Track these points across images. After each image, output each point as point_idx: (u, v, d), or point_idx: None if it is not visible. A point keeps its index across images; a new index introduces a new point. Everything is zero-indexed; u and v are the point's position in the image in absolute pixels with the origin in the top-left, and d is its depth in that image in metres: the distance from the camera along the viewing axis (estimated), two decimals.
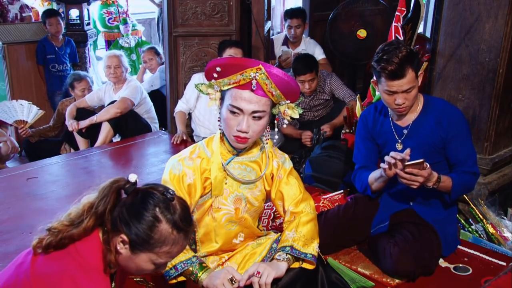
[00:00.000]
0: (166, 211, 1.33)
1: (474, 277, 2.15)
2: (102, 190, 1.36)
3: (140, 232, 1.30)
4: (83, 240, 1.35)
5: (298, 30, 4.52)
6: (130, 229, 1.31)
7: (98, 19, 6.60)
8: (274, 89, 1.66)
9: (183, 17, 3.85)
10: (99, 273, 1.33)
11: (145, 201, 1.33)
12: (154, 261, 1.34)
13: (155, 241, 1.31)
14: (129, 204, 1.34)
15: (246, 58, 1.69)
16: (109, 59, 4.08)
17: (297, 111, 1.76)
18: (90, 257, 1.33)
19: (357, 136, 2.41)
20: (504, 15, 2.48)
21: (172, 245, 1.33)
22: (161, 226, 1.31)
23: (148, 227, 1.30)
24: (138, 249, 1.32)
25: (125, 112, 3.95)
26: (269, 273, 1.67)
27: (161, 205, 1.33)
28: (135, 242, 1.32)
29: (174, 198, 1.35)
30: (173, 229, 1.32)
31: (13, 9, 5.52)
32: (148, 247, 1.32)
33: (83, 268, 1.31)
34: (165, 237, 1.32)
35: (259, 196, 1.87)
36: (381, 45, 2.14)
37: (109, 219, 1.34)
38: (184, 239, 1.36)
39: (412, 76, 2.06)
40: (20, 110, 4.22)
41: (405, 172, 1.99)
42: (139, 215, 1.31)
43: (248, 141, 1.70)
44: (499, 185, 2.78)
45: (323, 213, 2.40)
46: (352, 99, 3.74)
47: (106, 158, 3.65)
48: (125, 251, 1.34)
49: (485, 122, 2.66)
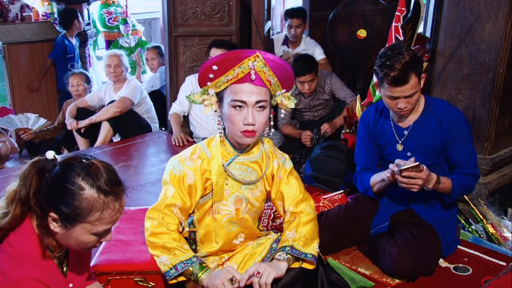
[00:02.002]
0: (87, 177, 1.30)
1: (474, 277, 2.15)
2: (22, 175, 1.33)
3: (66, 205, 1.28)
4: (15, 231, 1.33)
5: (298, 30, 4.52)
6: (56, 206, 1.29)
7: (98, 19, 6.60)
8: (272, 77, 1.67)
9: (183, 17, 3.86)
10: (30, 260, 1.31)
11: (64, 174, 1.30)
12: (91, 231, 1.32)
13: (83, 210, 1.28)
14: (50, 181, 1.31)
15: (241, 50, 1.68)
16: (109, 58, 4.10)
17: (292, 101, 1.77)
18: (22, 246, 1.31)
19: (358, 138, 2.41)
20: (504, 15, 2.48)
21: (102, 210, 1.30)
22: (85, 193, 1.28)
23: (72, 198, 1.28)
24: (70, 223, 1.30)
25: (124, 111, 3.95)
26: (269, 273, 1.67)
27: (81, 173, 1.29)
28: (65, 217, 1.29)
29: (93, 163, 1.32)
30: (99, 194, 1.29)
31: (14, 9, 5.53)
32: (79, 218, 1.29)
33: (13, 258, 1.29)
34: (92, 204, 1.29)
35: (259, 197, 1.87)
36: (384, 48, 2.13)
37: (36, 202, 1.32)
38: (114, 201, 1.33)
39: (415, 81, 2.05)
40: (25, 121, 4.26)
41: (402, 177, 2.00)
42: (62, 189, 1.29)
43: (255, 134, 1.70)
44: (499, 185, 2.78)
45: (323, 213, 2.40)
46: (352, 99, 3.74)
47: (106, 158, 3.64)
48: (59, 229, 1.31)
49: (485, 122, 2.66)
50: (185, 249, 1.76)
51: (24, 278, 1.28)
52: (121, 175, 1.41)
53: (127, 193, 2.85)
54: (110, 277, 1.81)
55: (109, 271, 1.80)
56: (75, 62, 5.13)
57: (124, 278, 1.82)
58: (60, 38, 5.05)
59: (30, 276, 1.29)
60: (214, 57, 1.68)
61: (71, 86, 4.37)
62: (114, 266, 1.81)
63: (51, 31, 5.14)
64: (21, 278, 1.27)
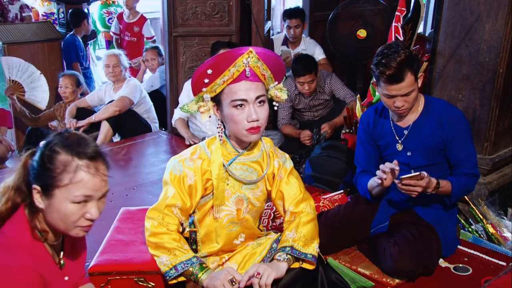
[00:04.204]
0: (62, 142, 1.33)
1: (474, 277, 2.15)
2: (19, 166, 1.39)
3: (44, 169, 1.31)
4: (10, 220, 1.36)
5: (297, 30, 4.52)
6: (36, 176, 1.33)
7: (98, 19, 6.60)
8: (265, 71, 1.69)
9: (183, 17, 3.86)
10: (22, 248, 1.33)
11: (44, 146, 1.34)
12: (69, 197, 1.31)
13: (57, 172, 1.30)
14: (34, 158, 1.35)
15: (234, 49, 1.68)
16: (108, 58, 4.10)
17: (284, 92, 1.79)
18: (14, 234, 1.35)
19: (358, 140, 2.42)
20: (504, 15, 2.48)
21: (75, 172, 1.31)
22: (59, 156, 1.31)
23: (49, 162, 1.31)
24: (49, 190, 1.32)
25: (124, 111, 3.95)
26: (270, 274, 1.67)
27: (57, 141, 1.34)
28: (44, 185, 1.32)
29: (69, 132, 1.37)
30: (73, 156, 1.32)
31: (13, 9, 5.53)
32: (55, 182, 1.30)
33: (6, 247, 1.32)
34: (65, 165, 1.31)
35: (260, 197, 1.87)
36: (381, 47, 2.14)
37: (24, 184, 1.36)
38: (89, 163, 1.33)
39: (411, 80, 2.06)
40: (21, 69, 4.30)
41: (402, 184, 2.02)
42: (41, 158, 1.33)
43: (260, 129, 1.70)
44: (499, 185, 2.78)
45: (323, 213, 2.40)
46: (352, 100, 3.74)
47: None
48: (43, 203, 1.33)
49: (485, 122, 2.66)
50: (185, 250, 1.76)
51: (16, 265, 1.29)
52: (121, 175, 1.41)
53: (127, 193, 2.87)
54: (110, 277, 1.81)
55: (109, 271, 1.80)
56: (83, 61, 5.16)
57: (124, 278, 1.82)
58: (71, 37, 5.10)
59: (22, 264, 1.30)
60: (206, 61, 1.68)
61: (60, 87, 4.36)
62: (114, 266, 1.81)
63: (51, 31, 5.13)
64: (14, 266, 1.29)
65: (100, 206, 1.39)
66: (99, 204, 1.38)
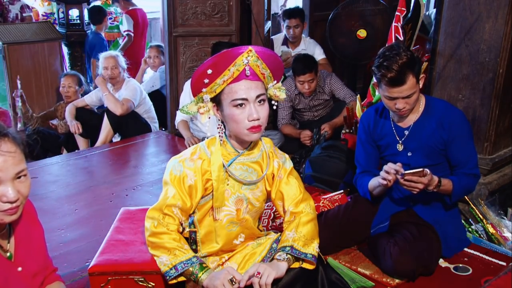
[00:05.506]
0: None
1: (474, 277, 2.15)
2: None
3: None
4: None
5: (296, 30, 4.52)
6: None
7: None
8: (265, 70, 1.69)
9: (183, 17, 3.86)
10: None
11: None
12: None
13: None
14: None
15: (233, 48, 1.68)
16: (105, 60, 4.09)
17: (283, 91, 1.79)
18: None
19: (358, 140, 2.42)
20: (504, 15, 2.48)
21: None
22: None
23: None
24: None
25: (126, 114, 3.96)
26: (270, 274, 1.67)
27: None
28: None
29: None
30: None
31: (14, 9, 5.53)
32: None
33: None
34: None
35: (260, 197, 1.87)
36: (382, 48, 2.13)
37: None
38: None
39: (412, 82, 2.05)
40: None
41: (404, 180, 2.02)
42: None
43: (261, 128, 1.70)
44: (499, 185, 2.78)
45: (323, 213, 2.40)
46: (352, 99, 3.74)
47: (106, 158, 3.65)
48: None
49: (485, 122, 2.66)
50: (185, 249, 1.76)
51: None
52: (121, 175, 1.41)
53: (127, 193, 2.87)
54: (110, 277, 1.81)
55: (109, 271, 1.80)
56: None
57: (124, 278, 1.82)
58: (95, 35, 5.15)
59: None
60: (205, 61, 1.68)
61: (62, 87, 4.37)
62: (114, 266, 1.81)
63: (51, 31, 5.13)
64: None
65: (20, 187, 1.30)
66: (17, 184, 1.29)
